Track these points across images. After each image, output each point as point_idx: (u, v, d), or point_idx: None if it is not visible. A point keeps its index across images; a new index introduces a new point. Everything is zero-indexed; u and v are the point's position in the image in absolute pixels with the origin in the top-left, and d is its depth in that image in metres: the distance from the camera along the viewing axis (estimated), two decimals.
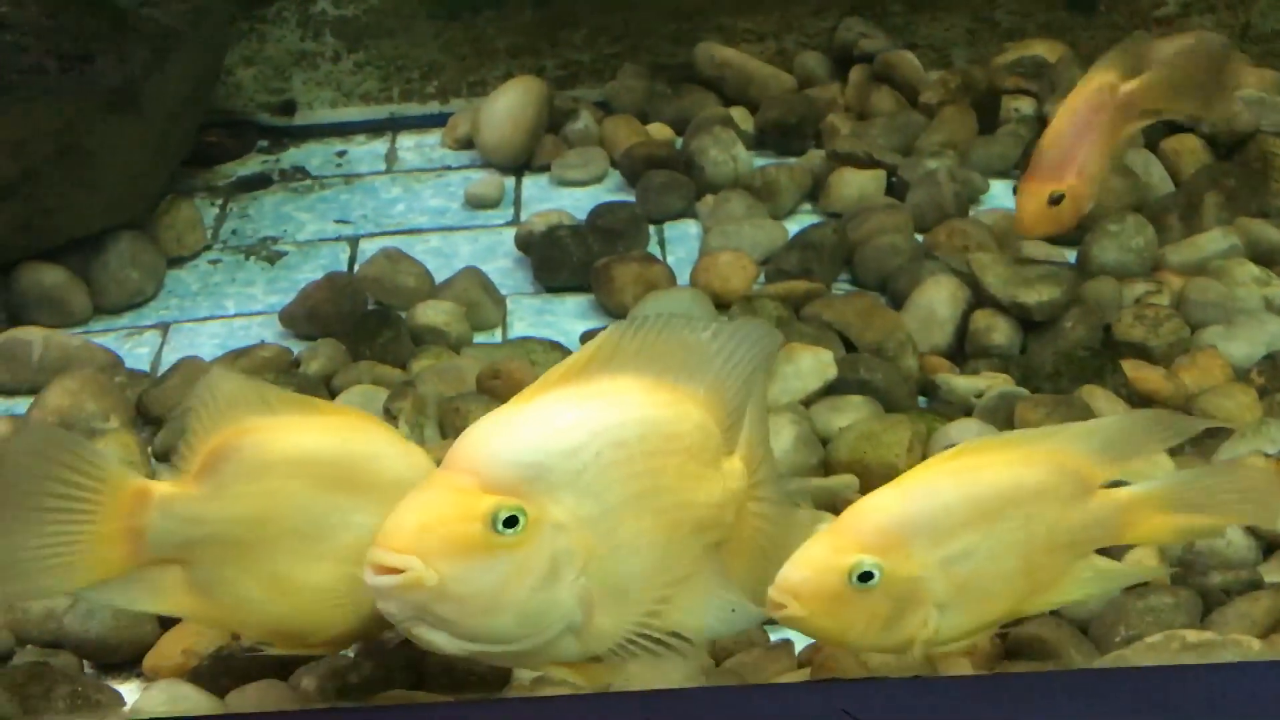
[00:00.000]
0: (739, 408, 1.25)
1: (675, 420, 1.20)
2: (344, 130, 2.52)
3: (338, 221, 2.30)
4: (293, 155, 2.48)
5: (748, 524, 1.28)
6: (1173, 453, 1.61)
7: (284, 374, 1.84)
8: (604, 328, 1.88)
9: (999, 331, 1.82)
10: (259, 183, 2.42)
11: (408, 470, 1.26)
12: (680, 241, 2.17)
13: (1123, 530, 1.30)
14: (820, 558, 1.21)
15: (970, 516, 1.24)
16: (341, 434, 1.28)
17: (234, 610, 1.26)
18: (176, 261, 2.19)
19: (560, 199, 2.29)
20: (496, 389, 1.77)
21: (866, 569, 1.20)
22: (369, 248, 2.18)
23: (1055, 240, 2.02)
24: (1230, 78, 1.82)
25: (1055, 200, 1.75)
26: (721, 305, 1.98)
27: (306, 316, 1.99)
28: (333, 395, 1.82)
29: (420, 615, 1.13)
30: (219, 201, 2.36)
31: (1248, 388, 1.70)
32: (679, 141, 2.33)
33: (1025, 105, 2.27)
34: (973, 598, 1.24)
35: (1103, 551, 1.32)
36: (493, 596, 1.13)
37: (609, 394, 1.19)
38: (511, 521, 1.13)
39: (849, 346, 1.85)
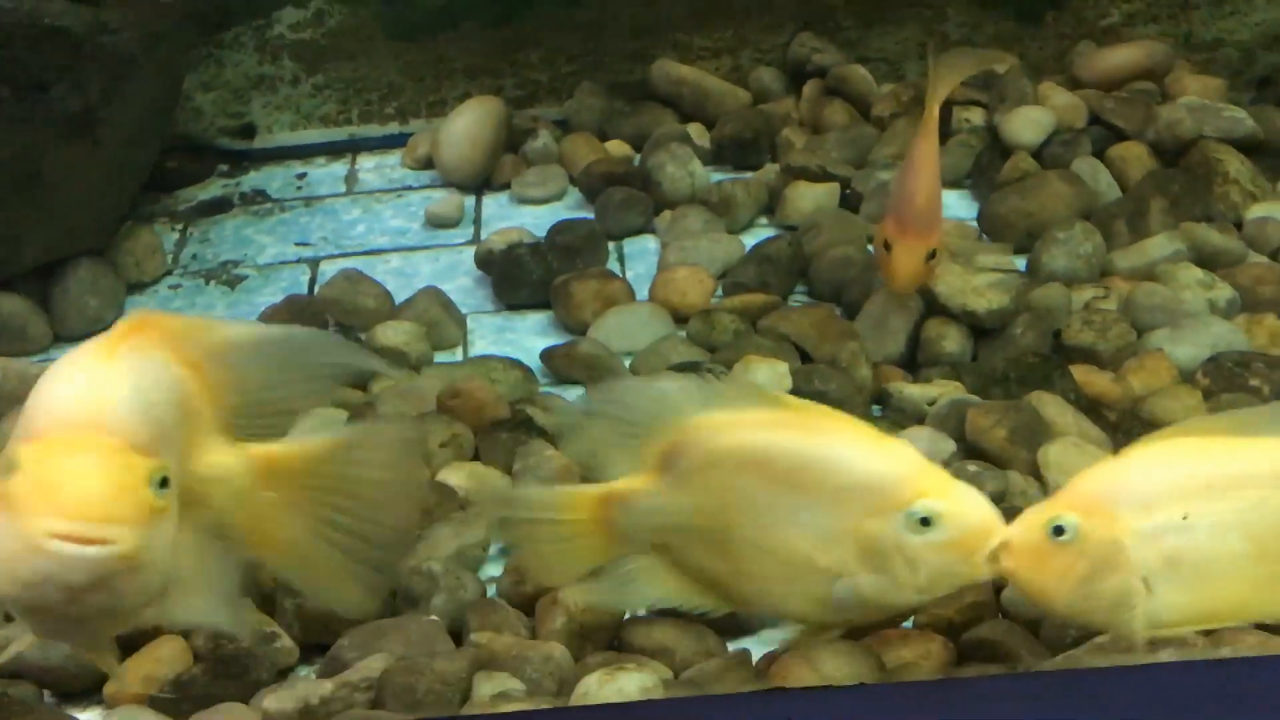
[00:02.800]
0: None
1: None
2: (304, 153, 2.53)
3: (298, 244, 2.31)
4: (253, 179, 2.49)
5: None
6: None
7: None
8: (565, 344, 1.94)
9: (950, 340, 1.84)
10: (219, 207, 2.42)
11: (870, 474, 1.27)
12: (639, 257, 2.19)
13: None
14: (1032, 515, 1.28)
15: (1190, 489, 1.25)
16: (798, 432, 1.30)
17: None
18: (137, 287, 2.20)
19: (520, 217, 2.31)
20: (457, 408, 1.79)
21: (1061, 523, 1.25)
22: (330, 269, 2.19)
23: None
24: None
25: (931, 256, 1.75)
26: (680, 319, 2.00)
27: None
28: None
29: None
30: (179, 226, 2.37)
31: (1193, 390, 1.73)
32: (638, 158, 2.36)
33: (975, 116, 2.31)
34: (1189, 575, 1.24)
35: None
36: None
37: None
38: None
39: (805, 358, 1.88)
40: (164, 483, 1.10)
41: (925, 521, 1.26)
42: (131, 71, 2.13)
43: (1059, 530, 1.26)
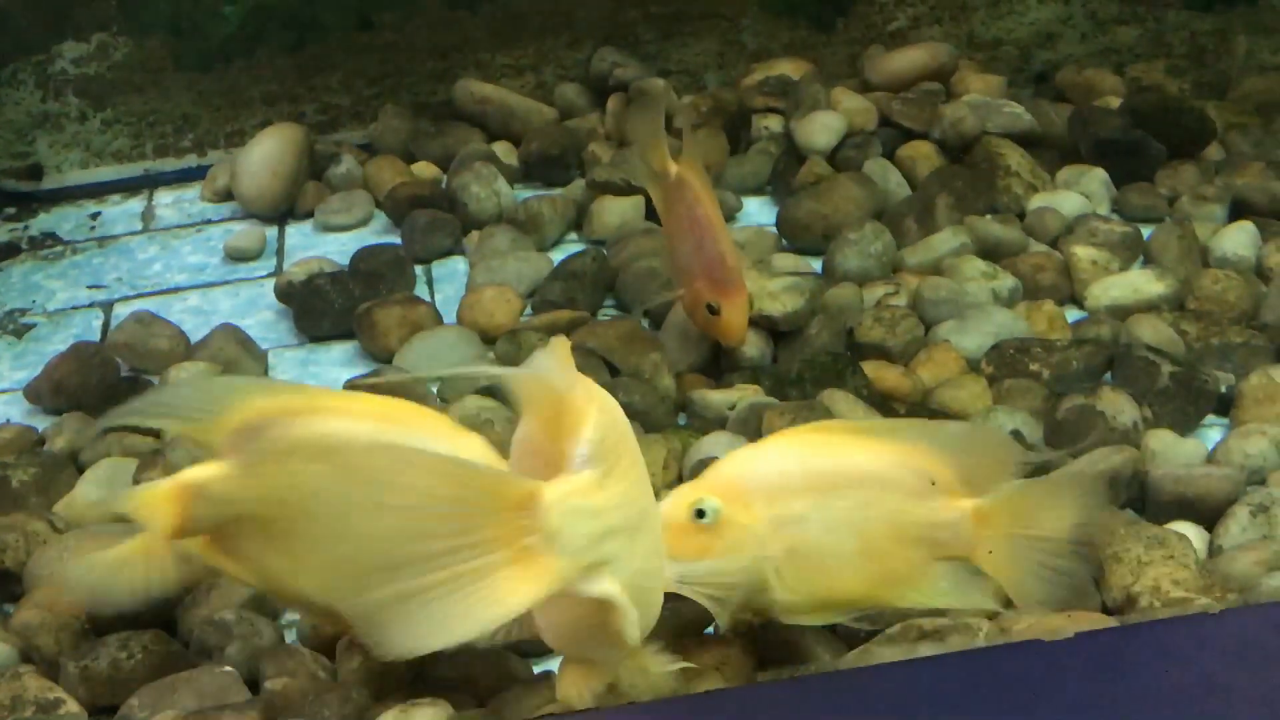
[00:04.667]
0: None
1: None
2: (97, 191, 2.44)
3: (91, 287, 2.22)
4: (42, 221, 2.39)
5: None
6: None
7: (26, 454, 1.76)
8: (369, 373, 1.90)
9: (750, 344, 1.87)
10: (5, 252, 2.31)
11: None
12: (449, 279, 2.17)
13: (974, 544, 1.37)
14: (677, 495, 1.36)
15: (807, 484, 1.34)
16: (378, 421, 1.29)
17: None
18: None
19: (325, 245, 2.26)
20: None
21: (702, 506, 1.33)
22: (125, 311, 2.11)
23: (804, 251, 2.10)
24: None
25: (750, 304, 1.80)
26: (489, 340, 1.99)
27: (53, 390, 1.92)
28: (80, 471, 1.75)
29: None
30: None
31: (978, 378, 1.80)
32: (445, 180, 2.33)
33: (774, 123, 2.35)
34: (807, 566, 1.33)
35: None
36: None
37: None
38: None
39: (613, 371, 1.88)
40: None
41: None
42: None
43: (700, 513, 1.33)
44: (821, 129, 2.26)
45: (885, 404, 1.74)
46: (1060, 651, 1.20)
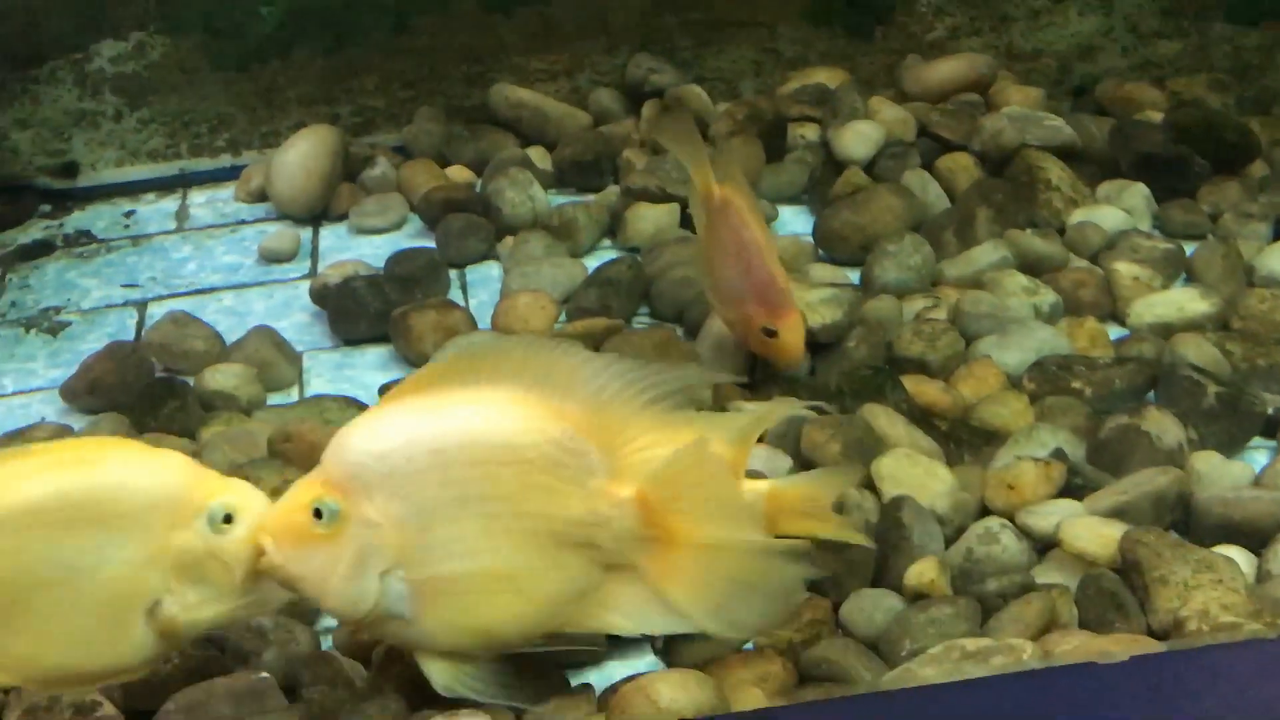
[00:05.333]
0: (635, 434, 1.30)
1: (517, 433, 1.26)
2: (131, 189, 2.44)
3: (125, 286, 2.22)
4: (77, 219, 2.39)
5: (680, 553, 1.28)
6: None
7: None
8: (403, 378, 1.89)
9: None
10: (40, 250, 2.31)
11: (157, 488, 1.27)
12: (482, 284, 2.16)
13: (771, 521, 1.36)
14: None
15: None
16: (72, 471, 1.27)
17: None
18: None
19: (359, 248, 2.26)
20: (288, 452, 1.73)
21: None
22: (159, 311, 2.11)
23: (841, 261, 2.09)
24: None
25: (804, 322, 1.78)
26: None
27: (88, 390, 1.91)
28: None
29: (292, 591, 1.30)
30: None
31: (1020, 394, 1.78)
32: (479, 184, 2.33)
33: (810, 132, 2.34)
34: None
35: None
36: (317, 579, 1.29)
37: (444, 404, 1.28)
38: (329, 513, 1.28)
39: None
40: (328, 513, 1.32)
41: (228, 519, 1.28)
42: None
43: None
44: (859, 139, 2.25)
45: (926, 419, 1.73)
46: (1114, 675, 1.19)
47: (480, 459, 1.27)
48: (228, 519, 1.29)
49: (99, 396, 1.91)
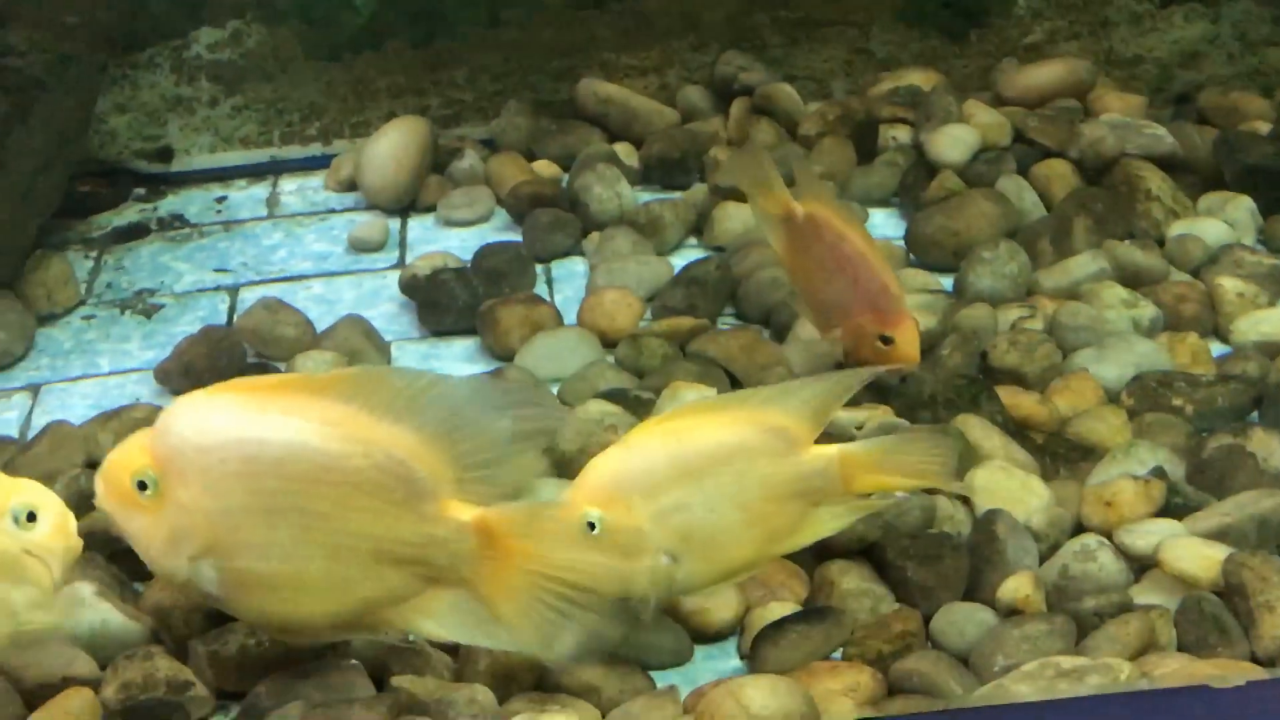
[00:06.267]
0: (483, 464, 1.34)
1: (340, 455, 1.30)
2: (223, 176, 2.47)
3: (217, 270, 2.25)
4: (170, 203, 2.43)
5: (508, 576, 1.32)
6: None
7: None
8: (491, 371, 1.90)
9: None
10: (136, 233, 2.36)
11: None
12: (567, 280, 2.16)
13: (845, 482, 1.46)
14: (557, 512, 1.37)
15: (677, 472, 1.41)
16: None
17: None
18: (47, 319, 2.12)
19: (446, 240, 2.27)
20: None
21: (590, 519, 1.37)
22: (250, 296, 2.14)
23: (932, 267, 2.06)
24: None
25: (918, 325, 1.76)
26: (609, 344, 1.98)
27: (182, 372, 1.94)
28: None
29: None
30: (93, 254, 2.29)
31: (1118, 410, 1.74)
32: (566, 178, 2.33)
33: (902, 134, 2.31)
34: (701, 545, 1.40)
35: None
36: (139, 541, 1.35)
37: (269, 413, 1.32)
38: (150, 484, 1.33)
39: (734, 382, 1.86)
40: (144, 485, 1.35)
41: (31, 517, 1.30)
42: (38, 96, 2.07)
43: (590, 526, 1.37)
44: (954, 142, 2.21)
45: (1021, 432, 1.70)
46: (1229, 700, 1.15)
47: (296, 475, 1.31)
48: (31, 517, 1.31)
49: (192, 379, 1.93)
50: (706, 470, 1.41)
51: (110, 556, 1.58)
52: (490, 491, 1.33)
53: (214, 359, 1.94)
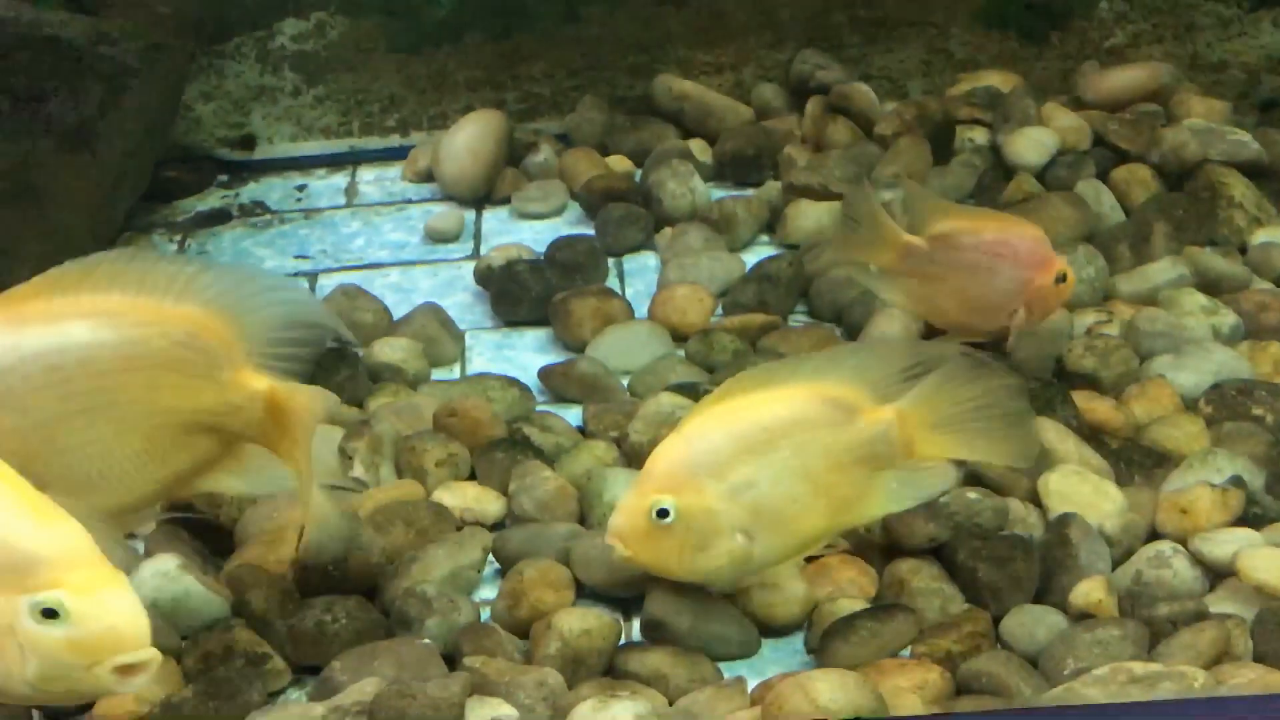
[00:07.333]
0: (268, 341, 1.42)
1: (140, 339, 1.35)
2: (304, 164, 2.52)
3: (297, 257, 2.30)
4: (252, 190, 2.48)
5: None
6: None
7: None
8: (563, 362, 1.93)
9: None
10: (218, 218, 2.41)
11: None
12: (639, 274, 2.18)
13: (909, 446, 1.47)
14: (629, 503, 1.44)
15: (741, 450, 1.43)
16: None
17: None
18: None
19: (520, 232, 2.30)
20: (453, 426, 1.77)
21: (663, 507, 1.41)
22: (328, 283, 2.18)
23: None
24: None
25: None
26: (679, 338, 1.99)
27: None
28: None
29: None
30: (178, 238, 2.36)
31: (1195, 417, 1.72)
32: (639, 174, 2.35)
33: (979, 135, 2.29)
34: (772, 520, 1.43)
35: None
36: None
37: (60, 317, 1.34)
38: None
39: None
40: None
41: (49, 614, 1.17)
42: (130, 83, 2.12)
43: (663, 513, 1.41)
44: (1033, 145, 2.20)
45: (1096, 437, 1.68)
46: None
47: (104, 369, 1.35)
48: (49, 614, 1.18)
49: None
50: (768, 445, 1.43)
51: (194, 532, 1.63)
52: (279, 369, 1.42)
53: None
